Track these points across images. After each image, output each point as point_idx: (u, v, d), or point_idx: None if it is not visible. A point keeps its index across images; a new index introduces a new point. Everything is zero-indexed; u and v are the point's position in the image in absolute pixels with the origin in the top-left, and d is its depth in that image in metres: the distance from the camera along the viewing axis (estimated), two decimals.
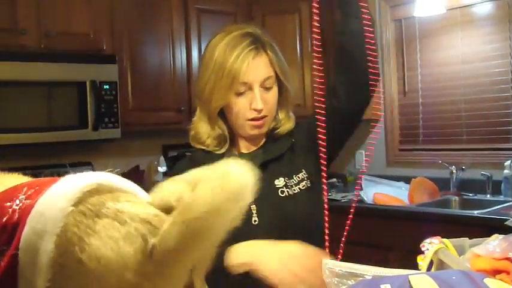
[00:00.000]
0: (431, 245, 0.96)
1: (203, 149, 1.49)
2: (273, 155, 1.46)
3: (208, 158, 1.45)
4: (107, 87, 3.28)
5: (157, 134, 3.85)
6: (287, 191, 1.42)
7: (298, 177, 1.44)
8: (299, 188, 1.43)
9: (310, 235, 1.27)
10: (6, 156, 3.10)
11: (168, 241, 0.54)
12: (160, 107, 3.62)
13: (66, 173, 0.65)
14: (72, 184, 0.61)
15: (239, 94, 1.42)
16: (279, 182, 1.42)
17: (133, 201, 0.61)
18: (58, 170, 3.23)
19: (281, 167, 1.45)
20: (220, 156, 1.46)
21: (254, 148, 1.53)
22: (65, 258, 0.56)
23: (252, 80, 1.41)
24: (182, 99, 3.66)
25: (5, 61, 2.93)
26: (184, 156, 1.69)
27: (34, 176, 0.80)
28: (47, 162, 3.32)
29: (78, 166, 3.38)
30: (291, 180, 1.44)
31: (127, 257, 0.54)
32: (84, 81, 3.20)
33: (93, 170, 3.47)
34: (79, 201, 0.59)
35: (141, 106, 3.54)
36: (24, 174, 0.81)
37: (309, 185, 1.44)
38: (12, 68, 2.95)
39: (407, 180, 3.65)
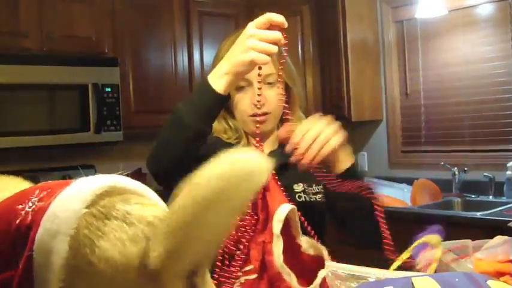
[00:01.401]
0: (431, 255, 0.95)
1: (224, 139, 1.50)
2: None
3: (226, 144, 1.48)
4: (109, 90, 3.28)
5: None
6: (304, 197, 1.41)
7: (317, 189, 1.44)
8: (316, 198, 1.41)
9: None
10: (8, 159, 3.11)
11: (158, 244, 0.55)
12: (162, 110, 3.61)
13: (69, 176, 0.67)
14: (86, 186, 0.62)
15: (239, 89, 1.44)
16: (298, 187, 1.41)
17: (143, 204, 0.62)
18: (61, 172, 3.24)
19: (301, 173, 1.39)
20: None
21: (263, 147, 1.52)
22: (77, 260, 0.57)
23: (250, 75, 1.41)
24: None
25: (7, 64, 2.94)
26: None
27: (35, 178, 0.81)
28: (49, 166, 3.32)
29: (80, 169, 3.38)
30: (310, 188, 1.43)
31: (131, 258, 0.55)
32: (86, 84, 3.21)
33: (96, 173, 3.47)
34: (92, 204, 0.61)
35: (143, 109, 3.54)
36: (27, 177, 0.81)
37: (324, 199, 1.43)
38: (14, 71, 2.96)
39: (409, 182, 3.65)
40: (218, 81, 1.21)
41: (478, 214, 2.93)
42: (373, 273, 0.89)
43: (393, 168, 3.97)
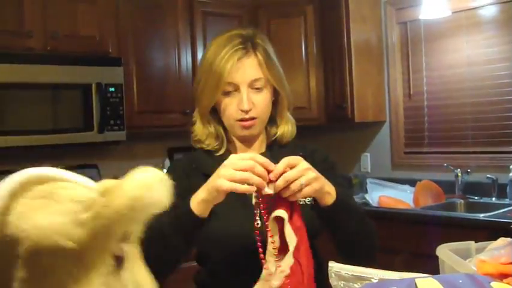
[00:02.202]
0: None
1: (203, 149, 1.50)
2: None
3: (206, 157, 1.48)
4: (113, 89, 3.29)
5: (162, 136, 3.85)
6: None
7: None
8: (305, 201, 1.36)
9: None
10: (11, 158, 3.11)
11: (99, 216, 0.66)
12: (165, 110, 3.62)
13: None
14: (19, 174, 0.74)
15: (226, 94, 1.42)
16: None
17: (69, 188, 0.74)
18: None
19: None
20: (219, 158, 1.42)
21: (251, 151, 1.49)
22: (10, 229, 0.68)
23: (238, 81, 1.41)
24: (187, 101, 3.65)
25: (10, 63, 2.94)
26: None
27: None
28: (51, 165, 3.32)
29: (83, 168, 3.39)
30: None
31: (58, 226, 0.66)
32: (89, 83, 3.21)
33: (99, 172, 3.48)
34: (26, 184, 0.72)
35: (147, 109, 3.54)
36: None
37: (313, 202, 1.35)
38: (18, 70, 2.97)
39: (412, 183, 3.65)
40: (197, 206, 1.25)
41: (481, 216, 2.92)
42: (376, 274, 0.89)
43: (396, 169, 3.97)
